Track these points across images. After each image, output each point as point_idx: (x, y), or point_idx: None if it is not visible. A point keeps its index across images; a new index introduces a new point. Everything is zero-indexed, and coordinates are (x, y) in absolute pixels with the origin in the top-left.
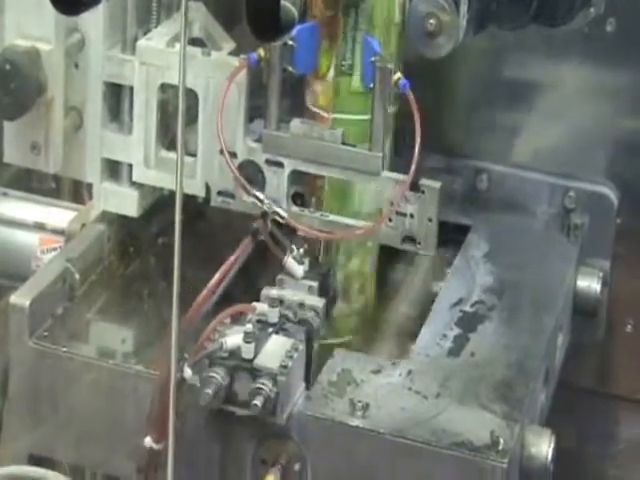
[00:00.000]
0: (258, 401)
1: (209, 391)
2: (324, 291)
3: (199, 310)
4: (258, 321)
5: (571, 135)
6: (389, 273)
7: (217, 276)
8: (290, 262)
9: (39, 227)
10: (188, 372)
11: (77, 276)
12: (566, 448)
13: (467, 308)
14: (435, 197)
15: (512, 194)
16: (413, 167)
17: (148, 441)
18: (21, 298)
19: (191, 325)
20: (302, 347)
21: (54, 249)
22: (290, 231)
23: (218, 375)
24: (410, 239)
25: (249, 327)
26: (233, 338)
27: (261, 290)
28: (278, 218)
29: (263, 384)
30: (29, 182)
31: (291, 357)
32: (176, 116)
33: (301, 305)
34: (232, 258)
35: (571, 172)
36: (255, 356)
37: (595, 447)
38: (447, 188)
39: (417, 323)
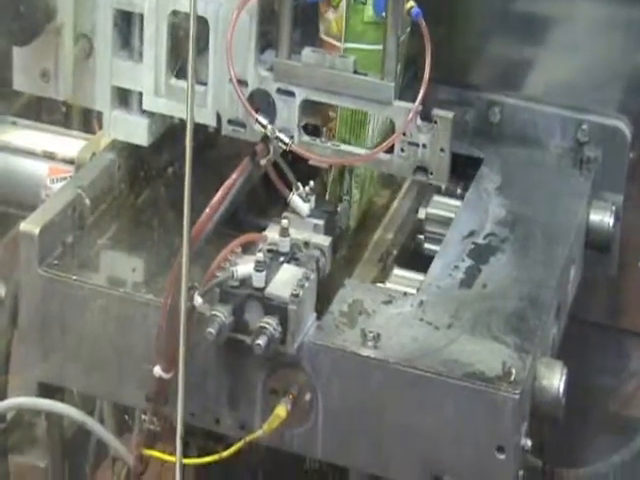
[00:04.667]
0: (261, 341)
1: (212, 330)
2: (330, 230)
3: (202, 229)
4: (269, 250)
5: (585, 68)
6: (375, 198)
7: (218, 195)
8: (295, 200)
9: (49, 156)
10: (198, 300)
11: (87, 204)
12: (576, 382)
13: (479, 240)
14: (448, 127)
15: (525, 127)
16: (422, 90)
17: (157, 370)
18: (31, 226)
19: (194, 244)
20: (313, 276)
21: (64, 178)
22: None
23: (221, 314)
24: (422, 169)
25: (260, 256)
26: (244, 267)
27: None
28: (281, 145)
29: (268, 322)
30: (39, 114)
31: (302, 286)
32: (186, 44)
33: (306, 244)
34: (232, 177)
35: (584, 105)
36: (266, 285)
37: (605, 381)
38: (459, 120)
39: (401, 248)
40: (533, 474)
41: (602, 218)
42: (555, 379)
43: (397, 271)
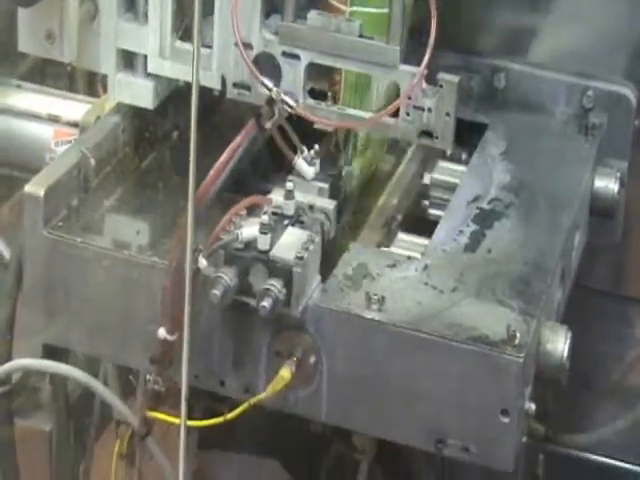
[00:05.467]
0: (266, 303)
1: (217, 292)
2: (335, 193)
3: (207, 191)
4: (274, 213)
5: (591, 35)
6: (380, 164)
7: (223, 157)
8: (300, 163)
9: (53, 119)
10: (203, 262)
11: (92, 167)
12: (579, 349)
13: (484, 205)
14: (453, 91)
15: (530, 93)
16: (428, 53)
17: (162, 332)
18: (36, 187)
19: (199, 206)
20: (318, 239)
21: (68, 142)
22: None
23: (226, 275)
24: (427, 133)
25: (265, 219)
26: (249, 230)
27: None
28: (287, 107)
29: (273, 285)
30: (43, 79)
31: (307, 249)
32: (192, 6)
33: (311, 207)
34: (237, 140)
35: (590, 72)
36: (271, 248)
37: (608, 348)
38: (464, 86)
39: (405, 213)
40: (536, 441)
41: (607, 184)
42: (559, 343)
43: (401, 236)
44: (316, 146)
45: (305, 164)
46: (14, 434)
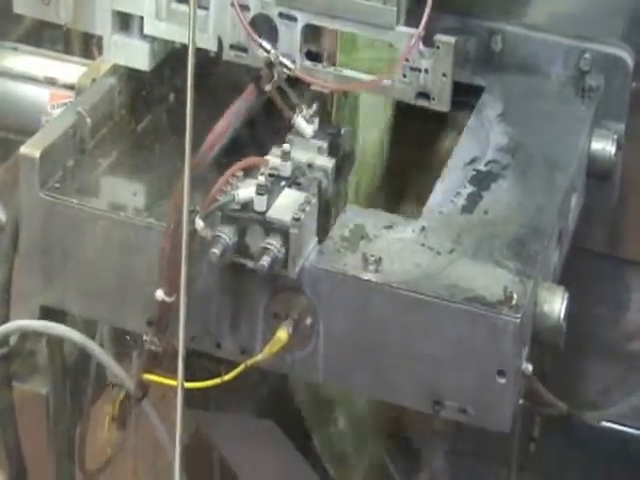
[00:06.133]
0: (265, 261)
1: (216, 251)
2: (334, 151)
3: (207, 155)
4: (271, 175)
5: None
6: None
7: (222, 121)
8: (299, 121)
9: (49, 82)
10: (200, 224)
11: (88, 128)
12: (576, 311)
13: (481, 167)
14: (450, 52)
15: (527, 55)
16: (426, 14)
17: (159, 294)
18: (32, 149)
19: (199, 170)
20: (315, 201)
21: (64, 104)
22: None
23: (225, 235)
24: (424, 95)
25: (262, 180)
26: (245, 191)
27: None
28: (285, 70)
29: (271, 244)
30: (39, 42)
31: (304, 210)
32: None
33: (310, 165)
34: (236, 104)
35: (587, 34)
36: (267, 209)
37: (605, 311)
38: (461, 49)
39: None
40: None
41: (604, 147)
42: (556, 304)
43: None
44: (315, 104)
45: (304, 122)
46: (12, 397)
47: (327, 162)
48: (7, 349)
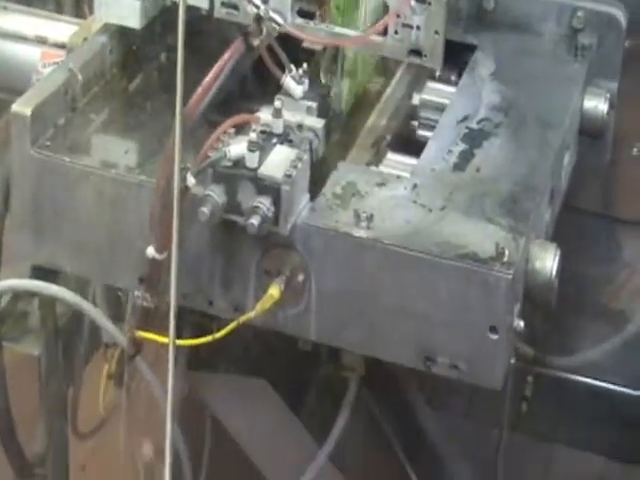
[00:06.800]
0: (255, 220)
1: (205, 210)
2: (323, 112)
3: (195, 108)
4: (262, 132)
5: None
6: (369, 85)
7: (210, 75)
8: (289, 81)
9: (40, 41)
10: (191, 181)
11: (79, 86)
12: (568, 271)
13: (473, 125)
14: (442, 9)
15: (519, 14)
16: None
17: (150, 251)
18: (23, 106)
19: (187, 124)
20: (306, 157)
21: (55, 63)
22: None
23: (214, 193)
24: (416, 52)
25: (253, 137)
26: (237, 147)
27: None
28: (274, 25)
29: (261, 202)
30: (30, 2)
31: (295, 167)
32: None
33: (300, 126)
34: (224, 57)
35: None
36: (259, 166)
37: (597, 270)
38: (453, 7)
39: (394, 134)
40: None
41: (596, 105)
42: (548, 261)
43: (390, 155)
44: (304, 65)
45: (294, 82)
46: (3, 358)
47: (317, 123)
48: None
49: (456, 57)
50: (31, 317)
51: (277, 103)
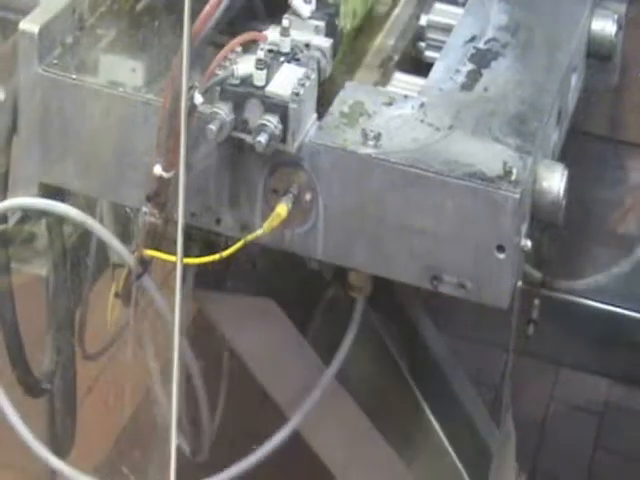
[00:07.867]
0: (262, 138)
1: (213, 127)
2: (331, 31)
3: (203, 26)
4: (270, 50)
5: None
6: (376, 6)
7: None
8: (296, 1)
9: None
10: (199, 99)
11: (87, 5)
12: (575, 194)
13: (480, 45)
14: None
15: None
16: None
17: (158, 169)
18: (30, 24)
19: (196, 40)
20: (314, 76)
21: None
22: None
23: (222, 111)
24: None
25: (261, 54)
26: (245, 66)
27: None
28: None
29: (269, 120)
30: None
31: (303, 85)
32: None
33: (307, 45)
34: None
35: None
36: (267, 84)
37: (605, 193)
38: None
39: (402, 55)
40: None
41: (604, 27)
42: (555, 180)
43: (398, 75)
44: None
45: (301, 1)
46: (11, 279)
47: (325, 42)
48: (6, 226)
49: None
50: (39, 238)
51: (285, 22)
